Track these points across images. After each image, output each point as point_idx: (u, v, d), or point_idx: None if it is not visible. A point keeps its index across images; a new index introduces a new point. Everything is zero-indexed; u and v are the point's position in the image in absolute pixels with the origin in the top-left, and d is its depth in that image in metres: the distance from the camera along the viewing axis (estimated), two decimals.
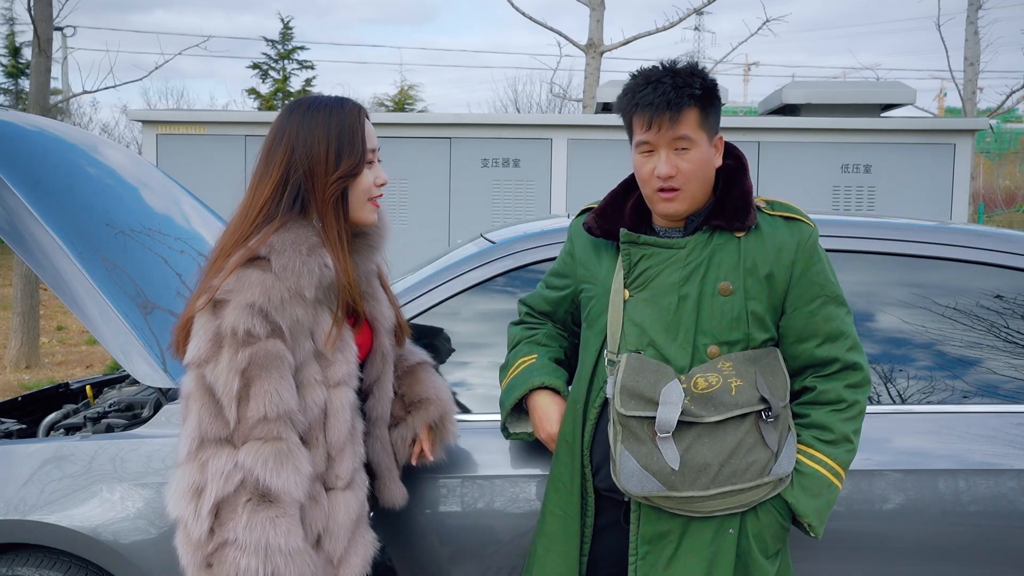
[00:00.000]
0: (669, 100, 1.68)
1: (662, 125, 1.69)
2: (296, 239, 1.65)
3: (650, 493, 1.69)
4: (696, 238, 1.76)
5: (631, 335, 1.76)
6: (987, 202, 20.81)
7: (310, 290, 1.64)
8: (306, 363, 1.66)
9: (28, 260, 2.26)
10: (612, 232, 1.84)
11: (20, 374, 7.94)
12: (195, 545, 1.55)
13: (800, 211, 1.81)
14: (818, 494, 1.75)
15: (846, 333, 1.79)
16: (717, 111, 1.76)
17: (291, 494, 1.56)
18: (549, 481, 1.91)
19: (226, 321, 1.57)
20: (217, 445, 1.56)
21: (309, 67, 20.64)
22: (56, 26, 9.38)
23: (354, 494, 1.72)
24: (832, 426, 1.76)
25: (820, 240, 1.80)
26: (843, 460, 1.77)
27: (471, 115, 7.23)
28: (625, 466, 1.69)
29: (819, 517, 1.75)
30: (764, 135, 7.02)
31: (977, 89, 11.07)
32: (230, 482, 1.53)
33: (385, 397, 1.91)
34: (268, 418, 1.56)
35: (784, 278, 1.75)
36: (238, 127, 6.92)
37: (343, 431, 1.70)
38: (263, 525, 1.53)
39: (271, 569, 1.52)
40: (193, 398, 1.58)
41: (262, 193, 1.70)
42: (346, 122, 1.73)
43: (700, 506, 1.69)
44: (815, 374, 1.79)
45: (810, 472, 1.75)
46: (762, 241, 1.75)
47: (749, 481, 1.69)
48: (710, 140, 1.74)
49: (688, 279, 1.73)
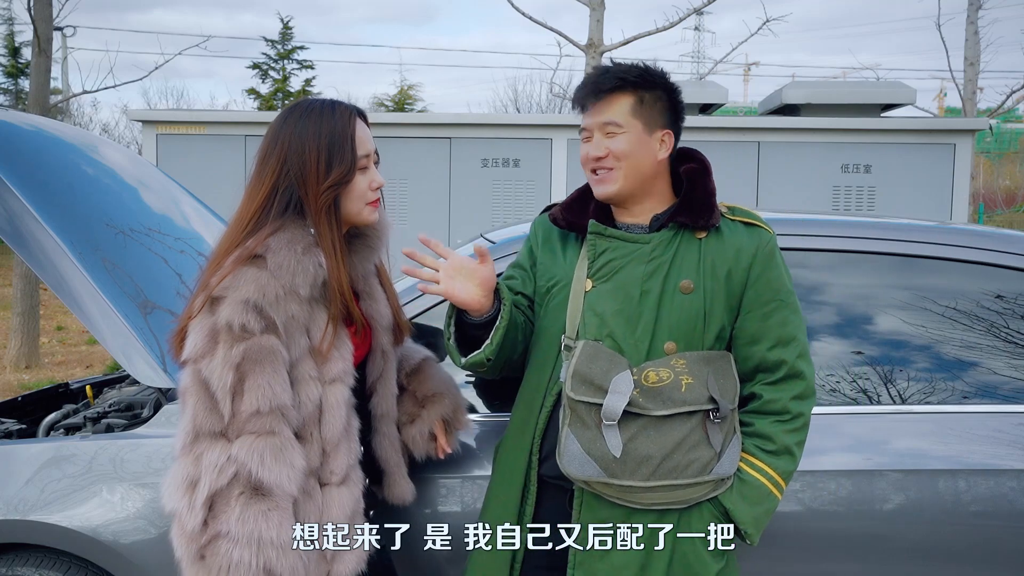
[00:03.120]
0: (598, 84, 1.79)
1: (592, 108, 1.80)
2: (292, 238, 1.67)
3: (589, 478, 1.71)
4: (661, 235, 1.80)
5: (591, 324, 1.78)
6: (987, 202, 20.81)
7: (305, 288, 1.66)
8: (301, 359, 1.67)
9: (28, 260, 2.26)
10: (576, 225, 1.89)
11: (20, 374, 7.94)
12: (189, 537, 1.56)
13: (760, 217, 1.86)
14: (757, 502, 1.77)
15: (798, 339, 1.81)
16: (664, 108, 1.81)
17: (284, 488, 1.58)
18: (494, 464, 1.93)
19: (221, 316, 1.59)
20: (211, 439, 1.57)
21: (309, 67, 20.65)
22: (56, 26, 9.37)
23: (349, 490, 1.73)
24: (775, 437, 1.79)
25: (820, 240, 1.81)
26: (784, 471, 1.80)
27: (471, 115, 7.24)
28: (568, 448, 1.72)
29: (756, 525, 1.77)
30: (764, 135, 7.02)
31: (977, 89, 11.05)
32: (223, 475, 1.55)
33: (389, 394, 1.92)
34: (261, 412, 1.58)
35: (741, 280, 1.79)
36: (238, 127, 6.92)
37: (338, 427, 1.71)
38: (255, 518, 1.54)
39: (263, 562, 1.53)
40: (189, 393, 1.60)
41: (255, 200, 1.72)
42: (337, 128, 1.73)
43: (639, 497, 1.71)
44: (764, 380, 1.81)
45: (750, 480, 1.78)
46: (722, 243, 1.80)
47: (690, 478, 1.71)
48: (648, 131, 1.80)
49: (652, 275, 1.77)
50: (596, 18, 8.21)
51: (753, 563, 2.02)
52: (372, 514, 1.84)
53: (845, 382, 2.25)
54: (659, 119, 1.81)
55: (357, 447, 1.78)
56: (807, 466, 2.12)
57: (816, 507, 2.11)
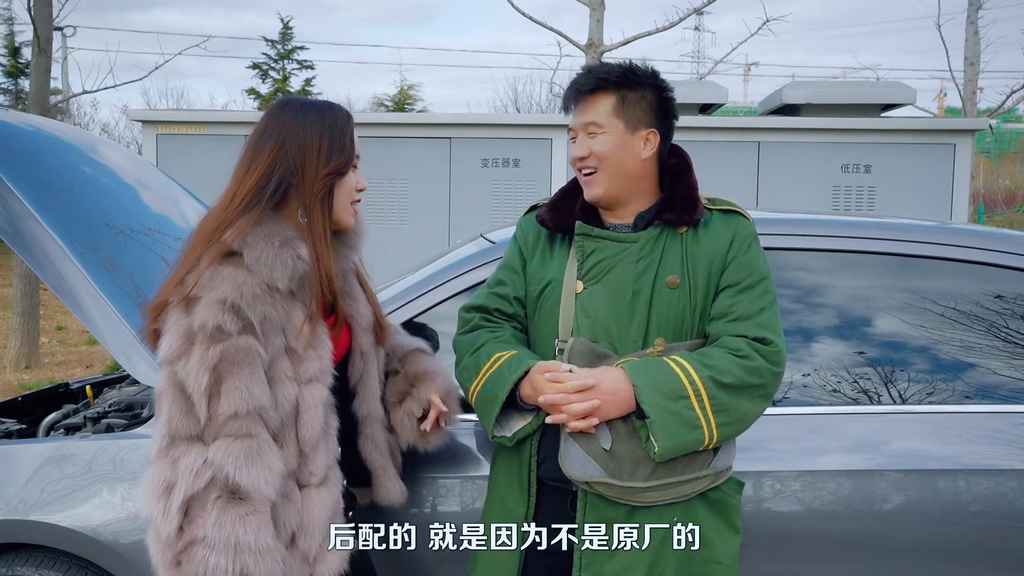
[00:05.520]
0: (579, 85, 1.81)
1: (575, 109, 1.84)
2: (269, 232, 1.65)
3: (591, 478, 1.71)
4: (648, 233, 1.81)
5: (584, 326, 1.79)
6: (987, 202, 20.81)
7: (283, 282, 1.64)
8: (277, 359, 1.65)
9: (28, 260, 2.26)
10: (564, 225, 1.89)
11: (20, 374, 7.94)
12: (164, 543, 1.53)
13: (739, 206, 1.88)
14: (666, 393, 1.66)
15: (764, 315, 1.76)
16: (649, 106, 1.81)
17: (261, 491, 1.55)
18: (493, 466, 1.93)
19: (197, 317, 1.57)
20: (187, 442, 1.55)
21: (309, 67, 20.66)
22: (56, 26, 9.37)
23: (328, 491, 1.71)
24: (715, 356, 1.71)
25: (820, 240, 1.81)
26: (708, 380, 1.68)
27: (471, 115, 7.24)
28: (569, 450, 1.73)
29: (661, 413, 1.65)
30: (764, 135, 7.02)
31: (977, 89, 11.05)
32: (200, 479, 1.52)
33: (372, 395, 1.90)
34: (239, 415, 1.55)
35: (720, 265, 1.80)
36: (238, 127, 6.92)
37: (316, 428, 1.69)
38: (232, 523, 1.51)
39: (240, 567, 1.51)
40: (165, 395, 1.57)
41: (248, 180, 1.70)
42: (338, 123, 1.75)
43: (641, 496, 1.72)
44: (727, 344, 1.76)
45: (661, 364, 1.69)
46: (702, 235, 1.82)
47: (689, 474, 1.73)
48: (630, 130, 1.80)
49: (643, 273, 1.78)
50: (596, 18, 8.21)
51: (754, 563, 2.02)
52: (351, 514, 1.83)
53: (845, 382, 2.25)
54: (643, 118, 1.80)
55: (335, 447, 1.75)
56: (807, 466, 2.12)
57: (816, 507, 2.11)
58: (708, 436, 1.68)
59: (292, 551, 1.64)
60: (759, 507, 2.10)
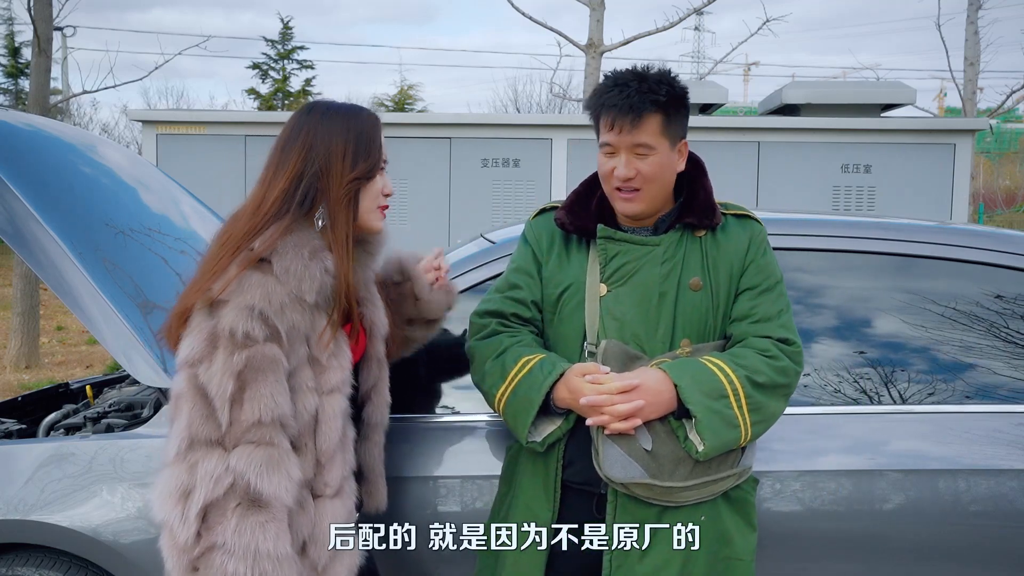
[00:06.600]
0: (632, 104, 1.73)
1: (623, 128, 1.75)
2: (298, 242, 1.64)
3: (632, 479, 1.71)
4: (669, 236, 1.83)
5: (611, 328, 1.80)
6: (987, 202, 20.81)
7: (311, 294, 1.63)
8: (299, 368, 1.64)
9: (28, 260, 2.26)
10: (583, 228, 1.88)
11: (20, 374, 7.94)
12: (181, 549, 1.52)
13: (750, 211, 1.92)
14: (708, 392, 1.70)
15: (783, 316, 1.82)
16: (683, 117, 1.81)
17: (281, 500, 1.55)
18: (513, 468, 1.92)
19: (223, 322, 1.55)
20: (207, 447, 1.53)
21: (309, 67, 20.70)
22: (56, 26, 9.36)
23: (342, 502, 1.71)
24: (748, 356, 1.75)
25: (820, 240, 1.83)
26: (744, 378, 1.72)
27: (471, 115, 7.25)
28: (608, 453, 1.72)
29: (707, 413, 1.68)
30: (764, 135, 7.03)
31: (977, 89, 11.04)
32: (220, 485, 1.51)
33: (383, 403, 1.90)
34: (262, 422, 1.54)
35: (740, 268, 1.83)
36: (238, 127, 6.92)
37: (334, 438, 1.69)
38: (252, 530, 1.51)
39: (258, 574, 1.50)
40: (184, 398, 1.56)
41: (277, 186, 1.68)
42: (365, 127, 1.74)
43: (678, 496, 1.74)
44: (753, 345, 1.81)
45: (702, 366, 1.74)
46: (720, 238, 1.85)
47: (723, 472, 1.76)
48: (672, 146, 1.80)
49: (668, 276, 1.79)
50: (596, 18, 8.22)
51: (754, 563, 2.01)
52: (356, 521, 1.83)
53: (845, 382, 2.25)
54: (679, 131, 1.81)
55: (352, 459, 1.75)
56: (807, 466, 2.12)
57: (816, 507, 2.11)
58: (744, 434, 1.73)
59: (302, 560, 1.64)
60: (759, 507, 2.09)
